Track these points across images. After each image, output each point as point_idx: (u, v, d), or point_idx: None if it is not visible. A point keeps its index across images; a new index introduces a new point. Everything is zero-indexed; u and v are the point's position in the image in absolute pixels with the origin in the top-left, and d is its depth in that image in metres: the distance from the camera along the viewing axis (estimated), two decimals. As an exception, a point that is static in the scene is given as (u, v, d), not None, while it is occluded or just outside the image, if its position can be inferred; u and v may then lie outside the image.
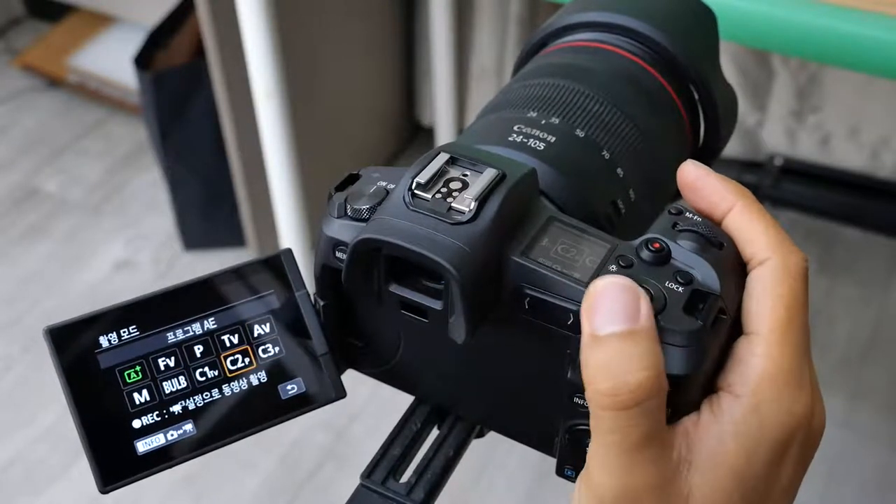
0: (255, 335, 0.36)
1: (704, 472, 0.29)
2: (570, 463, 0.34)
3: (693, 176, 0.34)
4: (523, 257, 0.32)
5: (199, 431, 0.35)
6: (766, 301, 0.31)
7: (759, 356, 0.30)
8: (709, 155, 0.45)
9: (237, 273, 0.36)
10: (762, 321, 0.31)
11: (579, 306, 0.31)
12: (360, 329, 0.38)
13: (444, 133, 1.61)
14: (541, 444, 0.37)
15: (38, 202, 1.69)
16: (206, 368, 0.35)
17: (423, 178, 0.32)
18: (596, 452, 0.30)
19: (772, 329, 0.31)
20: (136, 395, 0.34)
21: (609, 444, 0.29)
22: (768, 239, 0.32)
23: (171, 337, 0.35)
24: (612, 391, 0.28)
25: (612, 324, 0.28)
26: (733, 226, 0.33)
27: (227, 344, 0.36)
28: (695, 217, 0.33)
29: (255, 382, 0.36)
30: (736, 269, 0.32)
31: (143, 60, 1.39)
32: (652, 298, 0.30)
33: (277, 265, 0.37)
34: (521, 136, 0.37)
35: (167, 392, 0.35)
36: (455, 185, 0.32)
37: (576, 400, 0.32)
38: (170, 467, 0.34)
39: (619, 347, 0.28)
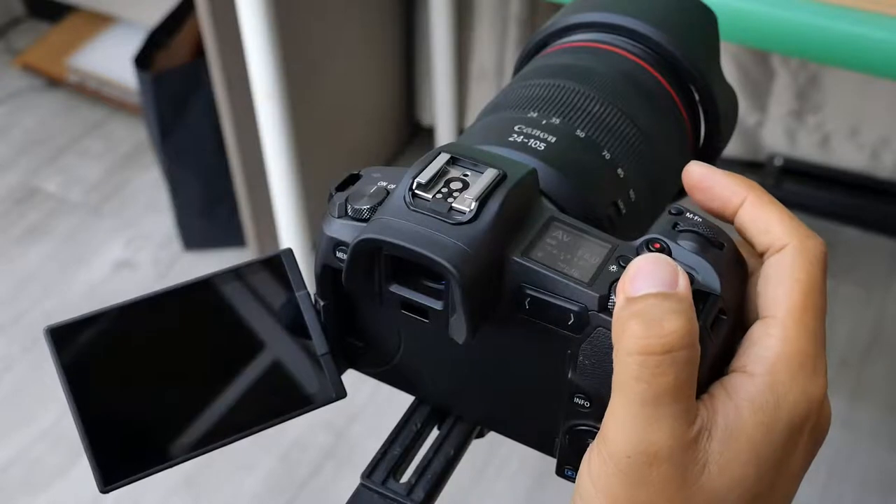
0: (256, 335, 0.36)
1: (723, 441, 0.29)
2: (570, 463, 0.34)
3: (698, 176, 0.34)
4: (524, 257, 0.32)
5: (199, 431, 0.34)
6: (783, 284, 0.31)
7: (775, 338, 0.30)
8: (709, 155, 0.45)
9: (237, 273, 0.36)
10: (779, 304, 0.31)
11: (580, 306, 0.31)
12: (361, 329, 0.38)
13: (444, 133, 1.61)
14: (541, 444, 0.37)
15: (38, 202, 1.69)
16: (207, 368, 0.35)
17: (423, 178, 0.32)
18: (614, 409, 0.29)
19: (788, 312, 0.30)
20: (136, 394, 0.34)
21: (632, 395, 0.28)
22: (784, 226, 0.32)
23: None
24: (642, 333, 0.28)
25: (648, 287, 0.28)
26: (747, 218, 0.33)
27: (228, 343, 0.36)
28: (695, 217, 0.33)
29: (255, 382, 0.36)
30: (736, 269, 0.32)
31: (143, 60, 1.39)
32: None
33: (278, 265, 0.37)
34: (521, 137, 0.37)
35: (168, 392, 0.34)
36: (456, 185, 0.32)
37: (576, 400, 0.32)
38: (170, 467, 0.34)
39: (654, 301, 0.28)
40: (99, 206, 1.68)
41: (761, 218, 0.32)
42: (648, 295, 0.28)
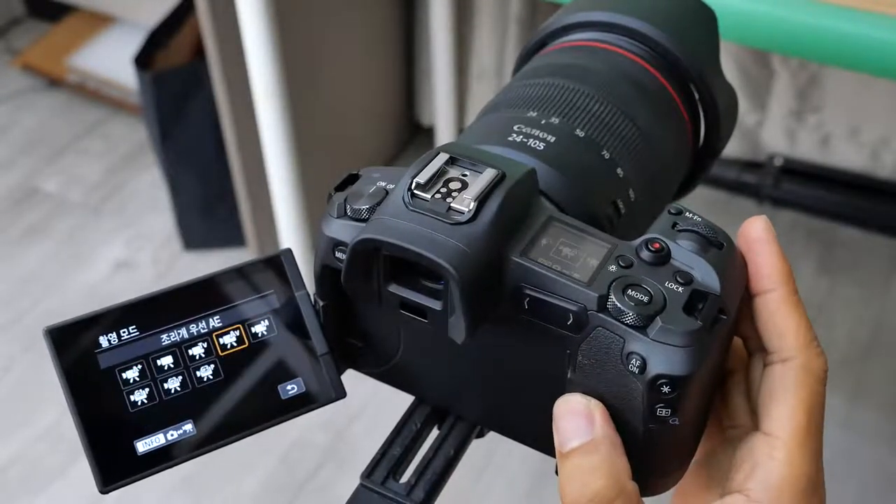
0: (256, 335, 0.36)
1: None
2: (570, 463, 0.34)
3: (757, 234, 0.33)
4: (523, 257, 0.32)
5: (199, 431, 0.34)
6: (787, 403, 0.31)
7: (780, 462, 0.31)
8: (709, 155, 0.45)
9: (237, 273, 0.36)
10: (782, 425, 0.31)
11: (579, 306, 0.31)
12: (360, 329, 0.38)
13: (444, 133, 1.61)
14: (541, 444, 0.36)
15: (38, 202, 1.69)
16: (206, 368, 0.35)
17: (422, 178, 0.32)
18: None
19: (793, 434, 0.31)
20: (135, 394, 0.34)
21: None
22: (798, 337, 0.32)
23: (171, 337, 0.35)
24: (573, 502, 0.30)
25: (572, 441, 0.31)
26: (768, 310, 0.33)
27: (228, 344, 0.36)
28: (695, 217, 0.33)
29: (255, 382, 0.36)
30: (736, 269, 0.32)
31: (143, 60, 1.39)
32: (651, 299, 0.30)
33: (278, 265, 0.37)
34: (521, 136, 0.37)
35: (167, 392, 0.35)
36: (455, 185, 0.32)
37: (576, 400, 0.32)
38: (170, 467, 0.34)
39: (579, 461, 0.31)
40: (99, 206, 1.68)
41: (781, 319, 0.32)
42: (573, 451, 0.31)
